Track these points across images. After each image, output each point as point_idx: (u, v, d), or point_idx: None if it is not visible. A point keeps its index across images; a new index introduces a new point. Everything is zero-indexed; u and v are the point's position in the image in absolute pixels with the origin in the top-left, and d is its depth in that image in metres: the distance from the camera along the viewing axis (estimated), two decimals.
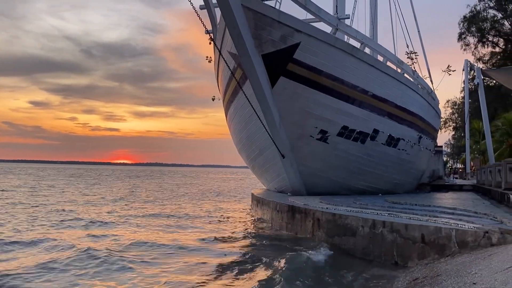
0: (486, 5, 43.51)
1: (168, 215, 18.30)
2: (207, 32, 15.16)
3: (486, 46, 45.05)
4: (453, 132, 54.77)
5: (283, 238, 11.74)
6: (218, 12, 13.79)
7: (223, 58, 14.21)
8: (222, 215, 18.68)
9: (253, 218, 17.15)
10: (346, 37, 16.87)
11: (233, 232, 13.48)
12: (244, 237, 12.57)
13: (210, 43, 17.44)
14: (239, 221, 16.62)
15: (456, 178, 40.14)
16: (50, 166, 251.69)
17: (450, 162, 59.77)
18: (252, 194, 20.00)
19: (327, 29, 14.98)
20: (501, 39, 45.10)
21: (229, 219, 17.23)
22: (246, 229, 14.35)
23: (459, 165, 55.14)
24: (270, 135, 14.20)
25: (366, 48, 16.12)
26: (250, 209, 20.06)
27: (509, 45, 44.65)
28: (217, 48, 15.28)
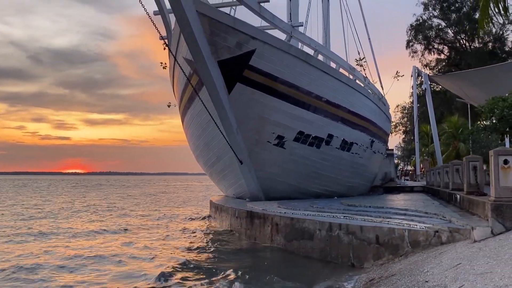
0: (431, 14, 45.68)
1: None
2: (162, 38, 14.96)
3: (432, 53, 47.24)
4: (403, 136, 56.90)
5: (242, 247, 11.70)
6: (172, 17, 13.65)
7: (179, 64, 14.08)
8: (177, 225, 18.37)
9: (211, 225, 17.02)
10: (300, 44, 17.17)
11: (191, 243, 13.28)
12: (201, 247, 12.41)
13: (164, 49, 17.23)
14: (196, 229, 16.43)
15: (407, 180, 41.57)
16: None
17: (401, 164, 62.06)
18: (211, 201, 19.86)
19: (282, 36, 15.20)
20: (446, 47, 47.45)
21: (185, 229, 16.98)
22: (203, 238, 14.21)
23: (409, 167, 57.32)
24: (227, 141, 14.19)
25: (319, 55, 16.49)
26: (209, 216, 19.88)
27: (453, 53, 47.03)
28: (172, 54, 15.13)
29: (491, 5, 10.11)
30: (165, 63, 19.76)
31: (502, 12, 10.24)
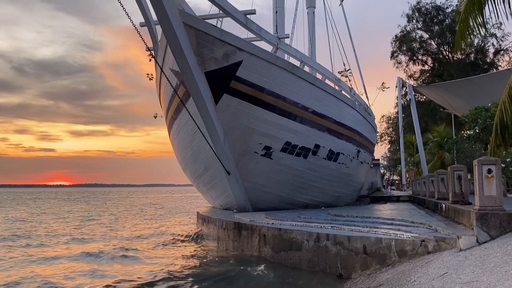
0: (415, 26, 46.61)
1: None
2: (148, 49, 14.98)
3: (416, 64, 48.12)
4: (389, 146, 57.49)
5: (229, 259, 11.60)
6: (159, 29, 13.66)
7: (165, 75, 14.07)
8: (164, 239, 18.21)
9: (198, 237, 16.89)
10: (286, 55, 17.31)
11: (175, 259, 13.16)
12: (188, 262, 12.31)
13: (150, 60, 17.21)
14: (183, 242, 16.30)
15: (393, 189, 41.89)
16: None
17: (387, 174, 62.57)
18: (198, 213, 19.73)
19: (268, 48, 15.31)
20: (429, 58, 48.36)
21: (171, 241, 16.84)
22: (191, 250, 14.10)
23: (395, 177, 57.81)
24: (214, 152, 14.16)
25: (305, 66, 16.62)
26: (196, 228, 19.74)
27: (436, 64, 47.91)
28: (158, 65, 15.11)
29: (470, 19, 10.38)
30: (152, 74, 19.73)
31: (481, 26, 10.53)
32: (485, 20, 10.19)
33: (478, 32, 10.66)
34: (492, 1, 9.80)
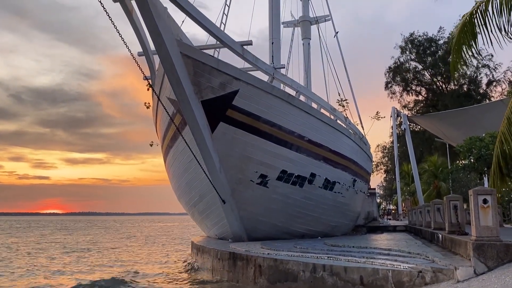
0: (408, 57, 47.53)
1: None
2: (146, 78, 15.11)
3: (410, 94, 48.79)
4: (385, 175, 57.49)
5: None
6: (156, 58, 13.85)
7: (162, 104, 14.16)
8: (158, 269, 17.90)
9: (192, 268, 16.61)
10: (282, 85, 17.51)
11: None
12: None
13: (148, 89, 17.36)
14: (176, 272, 16.01)
15: (390, 219, 41.65)
16: None
17: (383, 203, 62.31)
18: (192, 242, 19.46)
19: (264, 77, 15.50)
20: (423, 88, 49.09)
21: (165, 271, 16.54)
22: (184, 281, 13.84)
23: (391, 207, 57.56)
24: (210, 180, 14.11)
25: (301, 96, 16.80)
26: (190, 258, 19.43)
27: (430, 94, 48.59)
28: (155, 94, 15.23)
29: (464, 48, 10.57)
30: (149, 103, 19.87)
31: (475, 55, 10.72)
32: (477, 48, 10.37)
33: (470, 62, 10.85)
34: (485, 31, 9.99)
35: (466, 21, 10.31)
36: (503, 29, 9.73)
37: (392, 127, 37.08)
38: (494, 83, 44.38)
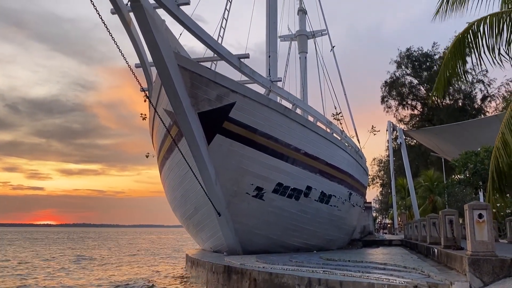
0: (404, 72, 47.97)
1: None
2: (143, 89, 15.15)
3: (406, 108, 49.09)
4: (381, 189, 57.44)
5: None
6: (154, 70, 13.89)
7: (159, 115, 14.17)
8: (149, 281, 17.71)
9: (186, 281, 16.47)
10: (278, 98, 17.58)
11: None
12: None
13: (145, 101, 17.38)
14: (170, 285, 15.86)
15: (385, 233, 41.49)
16: None
17: (379, 217, 62.14)
18: (187, 255, 19.31)
19: (261, 90, 15.56)
20: (419, 103, 49.40)
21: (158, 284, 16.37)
22: None
23: (387, 221, 57.41)
24: (206, 193, 14.05)
25: (297, 109, 16.86)
26: (184, 271, 19.25)
27: (426, 108, 48.88)
28: (152, 105, 15.24)
29: (458, 64, 10.71)
30: (145, 114, 19.88)
31: (463, 77, 10.93)
32: (465, 69, 10.58)
33: (464, 79, 11.00)
34: (476, 52, 10.14)
35: (458, 39, 10.49)
36: (495, 49, 9.92)
37: (388, 141, 37.17)
38: (489, 98, 44.78)
